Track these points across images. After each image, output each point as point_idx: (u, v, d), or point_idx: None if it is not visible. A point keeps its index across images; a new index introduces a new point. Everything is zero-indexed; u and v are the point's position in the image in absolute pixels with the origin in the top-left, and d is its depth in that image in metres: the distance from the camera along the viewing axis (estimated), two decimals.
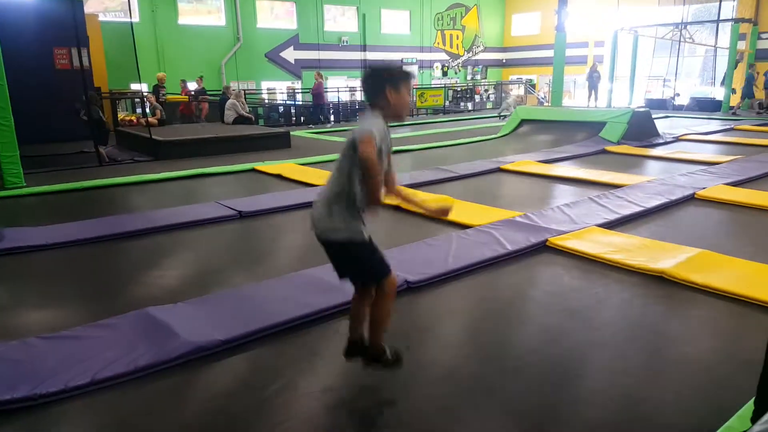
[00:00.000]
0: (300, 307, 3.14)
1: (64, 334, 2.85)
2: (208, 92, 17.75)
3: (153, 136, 9.31)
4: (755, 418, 1.88)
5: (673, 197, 5.69)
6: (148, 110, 12.26)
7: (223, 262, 4.30)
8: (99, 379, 2.45)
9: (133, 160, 8.91)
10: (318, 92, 16.49)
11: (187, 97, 15.73)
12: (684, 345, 2.86)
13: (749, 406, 2.09)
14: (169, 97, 15.20)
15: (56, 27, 8.80)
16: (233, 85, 15.91)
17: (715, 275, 3.55)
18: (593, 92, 16.94)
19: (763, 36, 17.93)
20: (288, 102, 19.27)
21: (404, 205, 2.44)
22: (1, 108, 6.36)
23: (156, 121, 11.20)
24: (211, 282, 3.77)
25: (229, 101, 12.31)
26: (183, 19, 18.74)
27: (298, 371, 2.63)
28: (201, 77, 16.47)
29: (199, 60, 18.86)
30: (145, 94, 12.38)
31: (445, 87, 21.77)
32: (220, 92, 14.57)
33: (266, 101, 18.83)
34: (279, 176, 7.54)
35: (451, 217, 5.15)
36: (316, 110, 16.80)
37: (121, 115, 13.43)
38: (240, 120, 12.10)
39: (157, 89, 13.74)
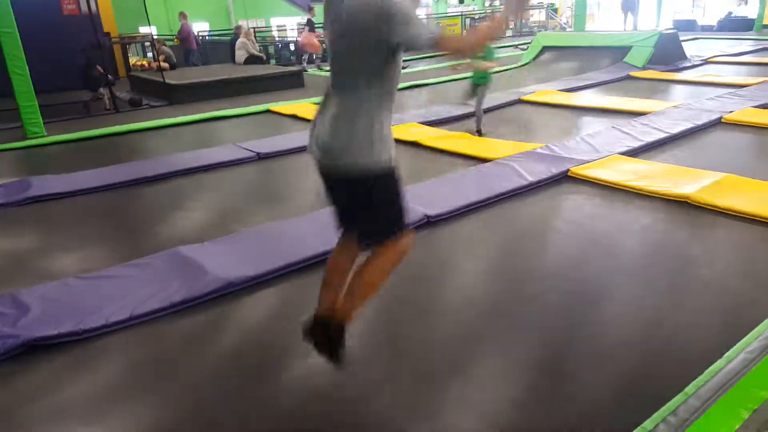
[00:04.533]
0: (323, 244, 3.19)
1: (101, 274, 2.98)
2: (213, 32, 17.24)
3: (166, 80, 9.24)
4: None
5: (699, 122, 5.52)
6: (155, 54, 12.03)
7: (245, 203, 4.38)
8: (137, 314, 2.58)
9: (149, 105, 8.90)
10: (184, 36, 13.01)
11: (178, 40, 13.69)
12: (705, 267, 2.87)
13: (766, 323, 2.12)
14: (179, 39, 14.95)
15: None
16: (242, 23, 15.51)
17: (738, 198, 3.50)
18: (629, 14, 15.78)
19: None
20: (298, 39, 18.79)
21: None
22: (15, 56, 6.32)
23: (167, 65, 11.05)
24: (235, 221, 3.85)
25: (239, 40, 12.04)
26: None
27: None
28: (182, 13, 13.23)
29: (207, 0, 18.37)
30: (155, 37, 12.16)
31: (462, 15, 20.95)
32: (231, 32, 14.23)
33: (277, 39, 18.39)
34: (294, 116, 7.48)
35: (471, 150, 5.15)
36: (187, 56, 12.95)
37: (132, 60, 13.28)
38: (251, 59, 11.88)
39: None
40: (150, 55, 12.95)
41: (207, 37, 17.09)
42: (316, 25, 12.68)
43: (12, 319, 2.54)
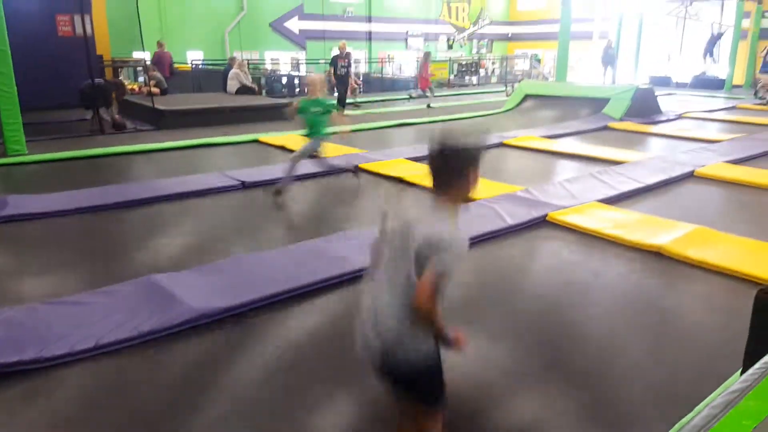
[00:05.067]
0: (300, 277, 3.20)
1: (69, 300, 2.92)
2: (207, 62, 17.47)
3: (156, 106, 9.29)
4: None
5: (673, 174, 5.72)
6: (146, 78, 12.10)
7: (226, 232, 4.36)
8: (103, 343, 2.52)
9: (136, 129, 8.91)
10: (155, 62, 12.69)
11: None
12: (678, 318, 2.93)
13: (736, 376, 2.17)
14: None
15: None
16: (237, 55, 15.74)
17: (709, 251, 3.60)
18: (609, 68, 16.48)
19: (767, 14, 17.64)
20: (292, 73, 19.10)
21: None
22: (4, 74, 6.34)
23: (158, 90, 11.13)
24: (214, 251, 3.83)
25: (232, 71, 12.22)
26: None
27: (300, 336, 2.70)
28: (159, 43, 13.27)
29: (203, 29, 18.64)
30: (148, 63, 12.27)
31: (450, 60, 21.53)
32: (225, 62, 14.43)
33: (270, 71, 18.65)
34: (282, 147, 7.55)
35: None
36: None
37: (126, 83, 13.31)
38: (243, 90, 12.03)
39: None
40: (141, 79, 13.03)
41: (200, 66, 17.29)
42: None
43: None
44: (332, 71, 11.03)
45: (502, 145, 7.72)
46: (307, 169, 5.99)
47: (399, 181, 5.65)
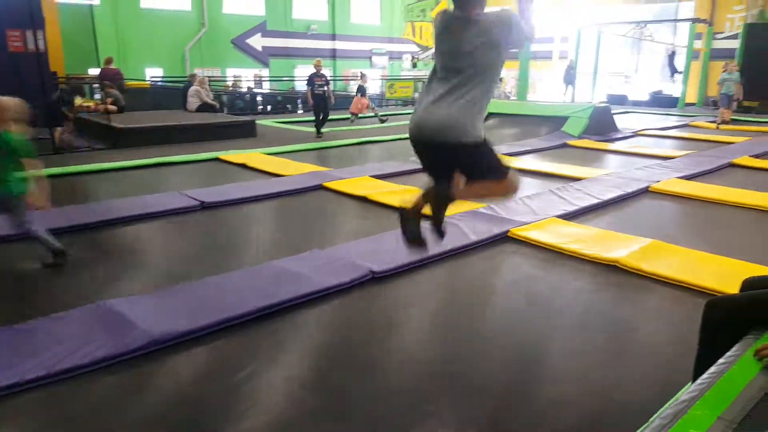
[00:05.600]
0: (264, 298, 3.15)
1: (17, 327, 2.79)
2: (167, 79, 17.24)
3: (112, 123, 9.07)
4: None
5: (629, 190, 5.89)
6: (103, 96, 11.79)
7: (184, 254, 4.26)
8: (56, 371, 2.42)
9: (91, 148, 8.66)
10: (107, 79, 11.79)
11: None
12: (634, 330, 3.01)
13: (687, 386, 2.22)
14: (131, 83, 14.78)
15: (9, 7, 8.42)
16: (198, 72, 15.57)
17: (663, 264, 3.72)
18: (569, 87, 17.00)
19: (718, 36, 18.61)
20: (255, 90, 19.02)
21: None
22: None
23: (114, 108, 10.88)
24: (173, 274, 3.73)
25: (192, 88, 12.05)
26: (146, 3, 18.20)
27: (262, 361, 2.65)
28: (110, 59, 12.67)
29: (163, 45, 18.41)
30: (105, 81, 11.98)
31: (415, 79, 21.81)
32: (185, 79, 14.24)
33: (232, 89, 18.52)
34: (243, 166, 7.46)
35: None
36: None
37: (78, 101, 12.97)
38: (204, 107, 11.88)
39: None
40: (97, 97, 12.71)
41: (160, 83, 17.02)
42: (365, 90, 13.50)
43: None
44: (310, 91, 10.55)
45: None
46: (269, 189, 5.95)
47: (363, 200, 5.64)
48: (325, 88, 10.41)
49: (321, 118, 10.38)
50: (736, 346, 1.74)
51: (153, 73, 17.95)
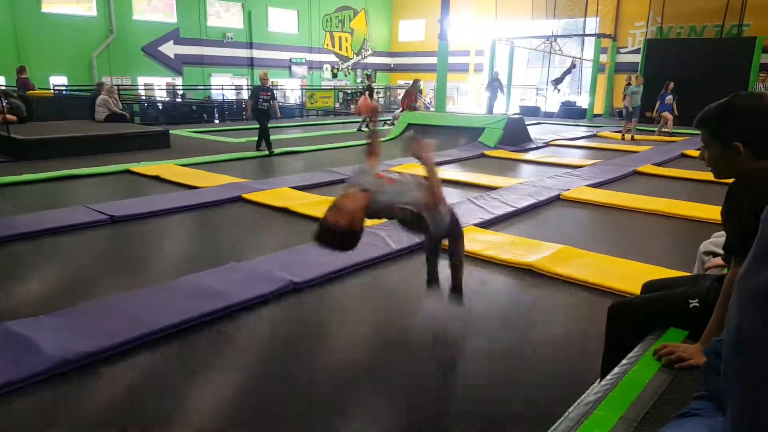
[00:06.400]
0: (177, 314, 3.02)
1: None
2: (72, 88, 16.26)
3: (12, 135, 8.41)
4: None
5: (541, 198, 6.19)
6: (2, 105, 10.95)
7: (92, 272, 4.00)
8: None
9: None
10: (25, 88, 12.09)
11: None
12: (546, 328, 3.16)
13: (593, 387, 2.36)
14: (34, 92, 13.78)
15: None
16: (106, 80, 14.74)
17: (573, 267, 3.95)
18: (493, 100, 17.23)
19: (622, 51, 20.13)
20: (167, 99, 18.29)
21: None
22: None
23: (14, 118, 10.09)
24: (79, 293, 3.49)
25: (100, 97, 11.41)
26: (48, 8, 17.04)
27: (182, 378, 2.54)
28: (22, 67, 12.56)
29: (67, 52, 17.30)
30: (2, 88, 11.11)
31: (335, 89, 21.86)
32: (92, 88, 13.45)
33: (143, 97, 17.71)
34: (157, 178, 7.15)
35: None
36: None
37: None
38: (113, 117, 11.27)
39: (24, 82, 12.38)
40: None
41: (64, 92, 15.96)
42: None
43: None
44: (251, 104, 9.66)
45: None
46: (184, 202, 5.74)
47: (284, 211, 5.56)
48: (271, 102, 9.68)
49: (264, 133, 9.59)
50: (637, 346, 1.85)
51: (57, 81, 16.80)
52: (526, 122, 12.21)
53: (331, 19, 25.52)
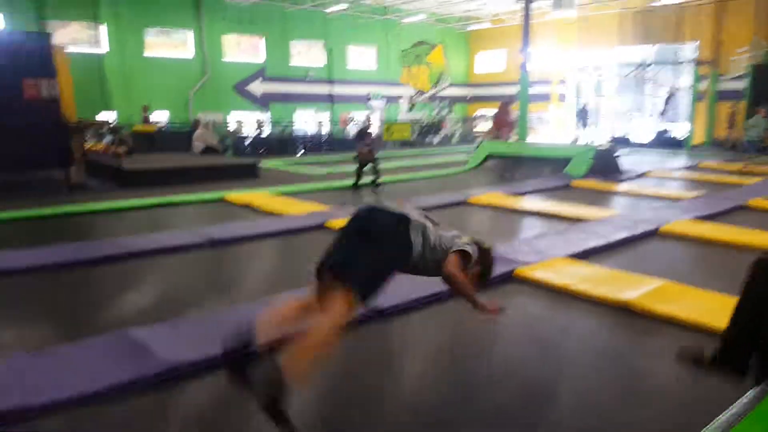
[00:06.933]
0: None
1: (46, 352, 2.90)
2: (172, 124, 17.65)
3: (122, 165, 9.18)
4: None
5: (637, 231, 5.80)
6: (114, 139, 12.05)
7: (194, 289, 4.31)
8: (84, 394, 2.49)
9: (101, 189, 8.75)
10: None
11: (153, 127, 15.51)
12: (648, 374, 2.91)
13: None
14: (138, 127, 15.07)
15: (25, 59, 8.86)
16: (201, 117, 15.83)
17: (676, 305, 3.64)
18: (581, 127, 16.80)
19: (722, 78, 18.75)
20: (256, 134, 19.27)
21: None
22: None
23: (124, 150, 11.04)
24: (183, 307, 3.75)
25: (197, 131, 12.27)
26: (150, 52, 18.71)
27: None
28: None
29: (167, 91, 18.80)
30: (114, 124, 12.26)
31: (412, 121, 22.12)
32: (190, 124, 14.49)
33: (235, 132, 18.79)
34: (248, 206, 7.49)
35: None
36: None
37: (87, 145, 13.18)
38: (208, 150, 12.04)
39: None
40: (106, 140, 12.91)
41: (165, 128, 17.32)
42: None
43: None
44: (358, 147, 9.40)
45: (466, 203, 7.84)
46: (273, 228, 5.97)
47: None
48: (371, 148, 9.26)
49: (362, 173, 9.29)
50: None
51: (159, 117, 18.24)
52: (617, 152, 11.66)
53: (409, 54, 26.01)
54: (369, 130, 9.74)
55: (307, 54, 23.03)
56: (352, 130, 20.39)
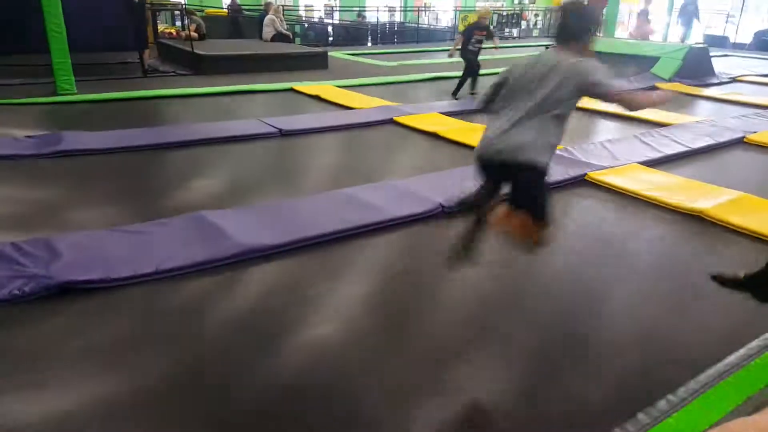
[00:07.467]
0: (338, 222, 3.30)
1: (128, 229, 3.13)
2: (244, 7, 17.39)
3: (194, 50, 9.32)
4: None
5: (721, 139, 5.52)
6: (186, 23, 12.11)
7: (264, 177, 4.50)
8: (162, 269, 2.72)
9: (175, 73, 8.99)
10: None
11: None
12: (708, 281, 2.90)
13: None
14: (210, 11, 15.01)
15: None
16: (271, 1, 15.48)
17: (753, 218, 3.53)
18: (686, 28, 14.80)
19: None
20: (326, 20, 18.81)
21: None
22: (54, 15, 6.46)
23: (197, 35, 11.11)
24: (254, 193, 3.97)
25: (267, 17, 12.07)
26: None
27: (334, 278, 2.83)
28: None
29: None
30: (186, 6, 12.26)
31: (490, 10, 20.79)
32: (261, 7, 14.27)
33: (304, 18, 18.40)
34: (317, 97, 7.55)
35: None
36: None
37: (161, 27, 13.34)
38: (278, 37, 11.91)
39: None
40: (179, 23, 13.01)
41: (237, 12, 17.15)
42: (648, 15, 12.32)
43: (44, 261, 2.67)
44: (459, 43, 7.90)
45: None
46: (342, 121, 6.04)
47: (433, 135, 5.61)
48: (479, 47, 7.78)
49: (469, 78, 7.92)
50: None
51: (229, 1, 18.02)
52: (711, 54, 10.66)
53: None
54: (486, 24, 7.96)
55: None
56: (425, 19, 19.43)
